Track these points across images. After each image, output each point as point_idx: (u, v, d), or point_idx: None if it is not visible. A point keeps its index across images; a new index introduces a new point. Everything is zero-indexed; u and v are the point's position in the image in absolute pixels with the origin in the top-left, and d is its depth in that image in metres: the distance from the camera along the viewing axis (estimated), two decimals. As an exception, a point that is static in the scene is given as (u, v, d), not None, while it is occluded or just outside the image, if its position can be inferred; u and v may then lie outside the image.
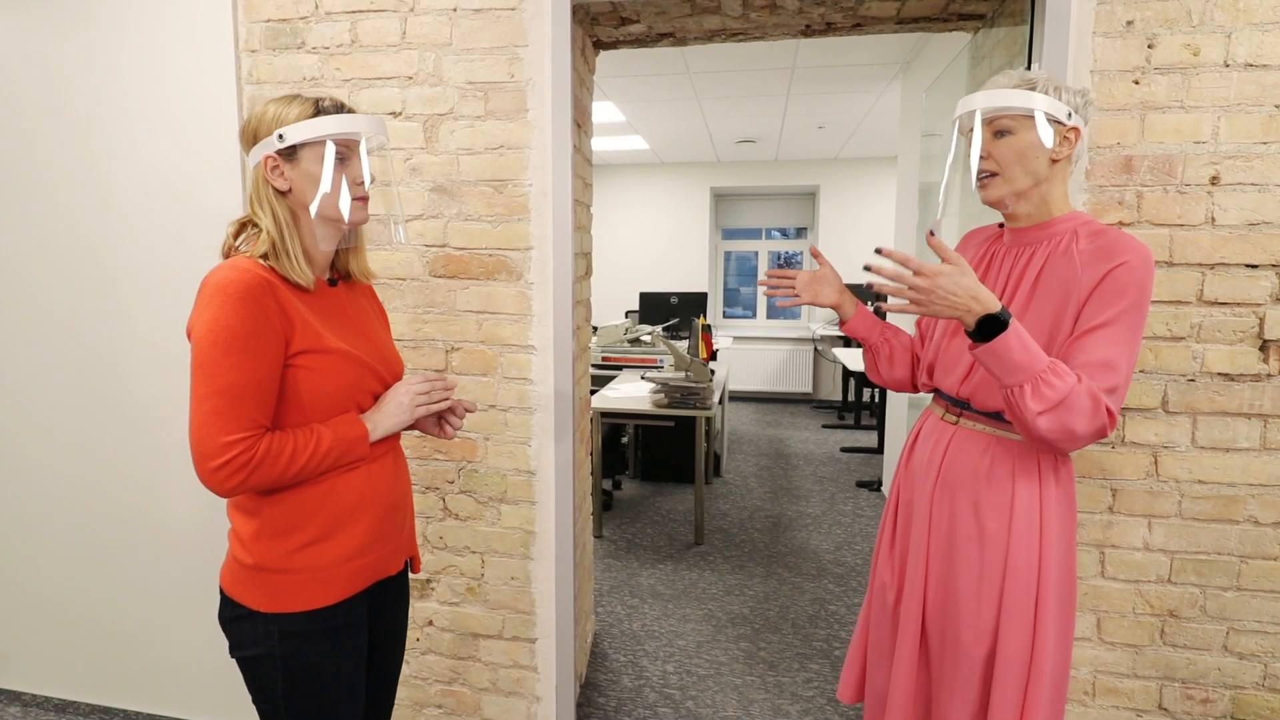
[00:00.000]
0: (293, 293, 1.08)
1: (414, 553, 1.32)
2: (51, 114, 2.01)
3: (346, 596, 1.12)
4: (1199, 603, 1.65)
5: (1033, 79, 1.17)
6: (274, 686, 1.09)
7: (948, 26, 2.05)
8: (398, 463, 1.22)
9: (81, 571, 2.18)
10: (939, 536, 1.29)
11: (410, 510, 1.28)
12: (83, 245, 2.05)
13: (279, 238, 1.08)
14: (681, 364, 3.79)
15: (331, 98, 1.12)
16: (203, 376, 0.99)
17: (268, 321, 1.01)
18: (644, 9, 1.93)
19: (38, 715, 2.22)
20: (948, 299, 1.06)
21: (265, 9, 1.88)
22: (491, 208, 1.85)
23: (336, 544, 1.10)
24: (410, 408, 1.17)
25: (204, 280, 1.02)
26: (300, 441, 1.05)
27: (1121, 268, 1.10)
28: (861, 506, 4.13)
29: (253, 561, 1.08)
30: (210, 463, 0.98)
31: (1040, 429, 1.06)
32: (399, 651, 1.31)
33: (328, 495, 1.09)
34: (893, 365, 1.48)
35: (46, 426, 2.14)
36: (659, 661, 2.51)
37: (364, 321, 1.21)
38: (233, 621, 1.10)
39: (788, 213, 7.64)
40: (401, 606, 1.30)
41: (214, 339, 0.98)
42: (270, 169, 1.08)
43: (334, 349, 1.09)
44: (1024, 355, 1.05)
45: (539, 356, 1.88)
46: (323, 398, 1.08)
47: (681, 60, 3.93)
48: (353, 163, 1.12)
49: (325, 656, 1.10)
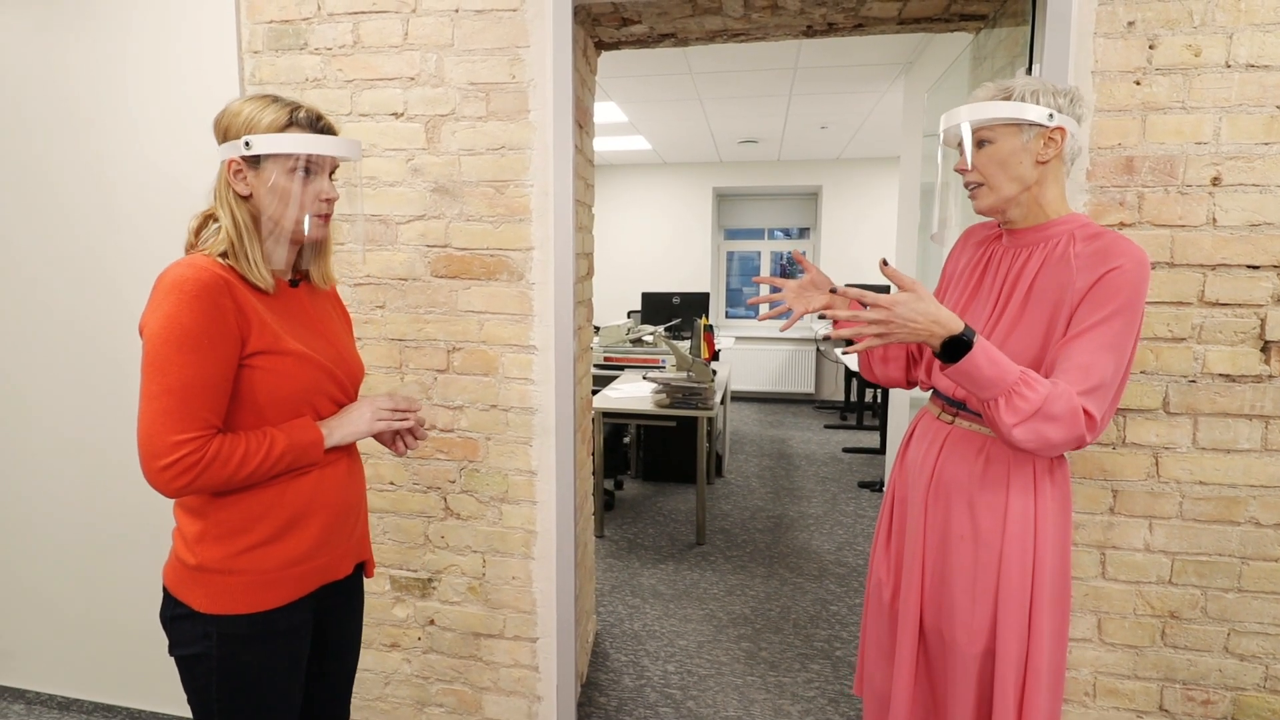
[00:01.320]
0: (251, 292, 1.06)
1: (366, 556, 1.29)
2: (56, 114, 2.03)
3: (289, 601, 1.10)
4: (1200, 604, 1.65)
5: (1009, 88, 1.18)
6: (209, 688, 1.08)
7: (949, 27, 2.05)
8: (352, 467, 1.21)
9: (85, 570, 2.19)
10: (934, 535, 1.29)
11: (363, 514, 1.26)
12: (86, 245, 2.06)
13: (237, 240, 1.06)
14: (683, 364, 3.80)
15: (309, 109, 1.09)
16: (154, 374, 0.97)
17: (223, 320, 1.00)
18: (645, 10, 1.93)
19: (42, 713, 2.23)
20: (908, 325, 1.07)
21: (268, 10, 1.89)
22: (493, 208, 1.85)
23: (283, 547, 1.08)
24: (370, 421, 1.17)
25: (159, 277, 1.00)
26: (252, 444, 1.03)
27: (1114, 273, 1.10)
28: (863, 507, 4.13)
29: (195, 562, 1.06)
30: (158, 461, 0.97)
31: (1017, 439, 1.08)
32: (352, 653, 1.30)
33: (278, 499, 1.08)
34: (886, 364, 1.48)
35: (50, 425, 2.16)
36: (660, 661, 2.51)
37: (324, 323, 1.19)
38: (173, 620, 1.08)
39: (790, 213, 7.64)
40: (353, 611, 1.28)
41: (167, 336, 0.97)
42: (233, 172, 1.06)
43: (291, 350, 1.07)
44: (993, 370, 1.06)
45: (540, 356, 1.88)
46: (278, 399, 1.07)
47: (684, 60, 3.94)
48: (319, 178, 1.10)
49: (262, 660, 1.09)
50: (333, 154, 1.09)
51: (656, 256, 7.60)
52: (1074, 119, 1.18)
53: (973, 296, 1.32)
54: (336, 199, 1.13)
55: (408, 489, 1.99)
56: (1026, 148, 1.17)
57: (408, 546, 2.00)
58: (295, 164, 1.07)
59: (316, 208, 1.10)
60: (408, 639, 2.03)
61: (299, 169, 1.07)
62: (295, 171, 1.07)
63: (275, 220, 1.08)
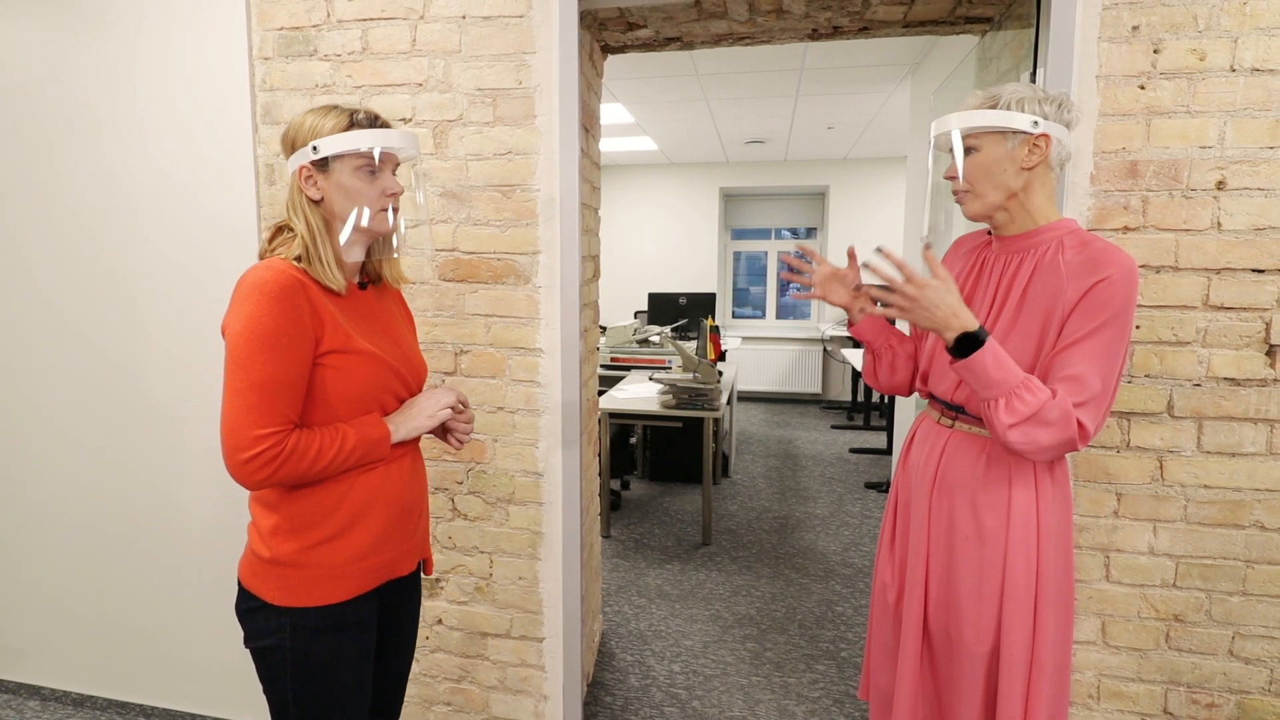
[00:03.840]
0: (324, 294, 1.11)
1: (427, 555, 1.34)
2: (68, 121, 2.05)
3: (358, 594, 1.14)
4: (1204, 607, 1.65)
5: (996, 96, 1.20)
6: (283, 678, 1.12)
7: (955, 29, 2.05)
8: (415, 465, 1.25)
9: (99, 569, 2.22)
10: (938, 536, 1.31)
11: (425, 512, 1.30)
12: (98, 249, 2.09)
13: (311, 244, 1.11)
14: (689, 365, 3.81)
15: (367, 110, 1.14)
16: (237, 371, 1.02)
17: (300, 320, 1.04)
18: (651, 14, 1.94)
19: (56, 709, 2.27)
20: (930, 311, 1.14)
21: (278, 17, 1.92)
22: (500, 212, 1.87)
23: (350, 542, 1.13)
24: (434, 413, 1.21)
25: (240, 279, 1.05)
26: (326, 439, 1.08)
27: (1104, 283, 1.12)
28: (870, 508, 4.13)
29: (270, 555, 1.11)
30: (241, 454, 1.01)
31: (1010, 439, 1.13)
32: (409, 649, 1.34)
33: (346, 494, 1.12)
34: (894, 372, 1.50)
35: (62, 427, 2.19)
36: (666, 661, 2.52)
37: (391, 325, 1.24)
38: (248, 613, 1.13)
39: (797, 213, 7.63)
40: (412, 606, 1.32)
41: (249, 335, 1.01)
42: (304, 178, 1.11)
43: (361, 350, 1.12)
44: (999, 372, 1.12)
45: (547, 359, 1.90)
46: (348, 397, 1.11)
47: (690, 62, 3.95)
48: (383, 174, 1.15)
49: (334, 651, 1.13)
50: (394, 146, 1.14)
51: (663, 257, 7.61)
52: (1062, 125, 1.19)
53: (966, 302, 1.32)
54: (401, 192, 1.18)
55: (416, 490, 2.01)
56: (1011, 155, 1.20)
57: (416, 547, 2.02)
58: (361, 162, 1.12)
59: (383, 202, 1.15)
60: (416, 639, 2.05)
61: (364, 167, 1.12)
62: (361, 169, 1.12)
63: (346, 218, 1.13)
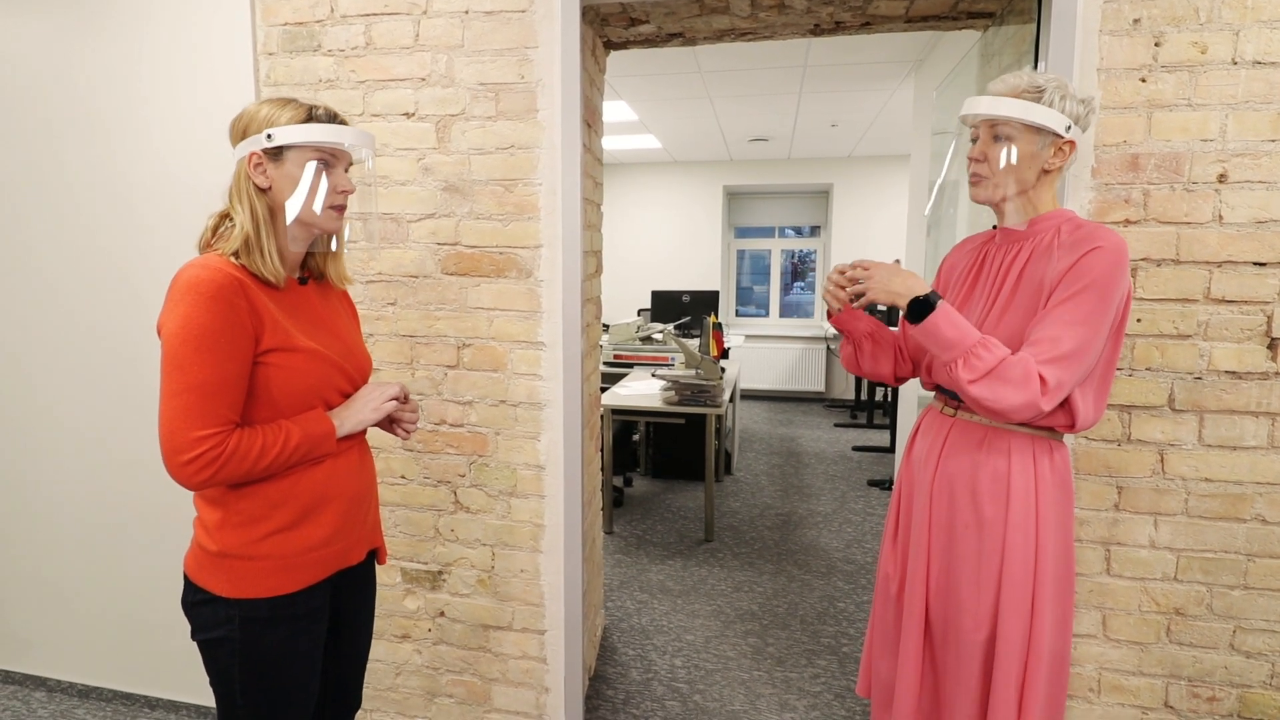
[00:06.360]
0: (263, 291, 1.10)
1: (378, 544, 1.34)
2: (73, 117, 2.07)
3: (308, 585, 1.14)
4: (1205, 601, 1.65)
5: (1040, 86, 1.19)
6: (231, 670, 1.12)
7: (957, 25, 2.05)
8: (363, 457, 1.25)
9: (104, 562, 2.24)
10: (939, 525, 1.32)
11: (374, 502, 1.31)
12: (102, 245, 2.10)
13: (253, 233, 1.09)
14: (692, 362, 3.81)
15: (325, 107, 1.14)
16: (174, 372, 1.01)
17: (238, 320, 1.03)
18: (653, 10, 1.95)
19: (62, 700, 2.28)
20: (886, 284, 1.24)
21: (283, 13, 1.93)
22: (502, 206, 1.88)
23: (301, 533, 1.13)
24: (379, 406, 1.21)
25: (175, 278, 1.04)
26: (269, 437, 1.07)
27: (1091, 253, 1.14)
28: (872, 505, 4.13)
29: (217, 548, 1.10)
30: (180, 457, 1.01)
31: (973, 394, 1.16)
32: (366, 637, 1.35)
33: (293, 488, 1.12)
34: (876, 361, 1.52)
35: (68, 422, 2.20)
36: (667, 655, 2.53)
37: (333, 320, 1.24)
38: (195, 606, 1.13)
39: (801, 211, 7.63)
40: (366, 594, 1.33)
41: (185, 336, 1.00)
42: (253, 165, 1.10)
43: (303, 347, 1.11)
44: (954, 332, 1.17)
45: (548, 353, 1.91)
46: (291, 394, 1.11)
47: (693, 59, 3.95)
48: (336, 171, 1.15)
49: (284, 643, 1.13)
50: (351, 143, 1.13)
51: (667, 254, 7.62)
52: (1082, 129, 1.23)
53: (970, 293, 1.36)
54: (352, 191, 1.18)
55: (418, 483, 2.02)
56: (1038, 154, 1.22)
57: (418, 539, 2.03)
58: (316, 155, 1.11)
59: (333, 199, 1.15)
60: (418, 630, 2.06)
61: (318, 160, 1.12)
62: (315, 163, 1.11)
63: (295, 209, 1.12)
